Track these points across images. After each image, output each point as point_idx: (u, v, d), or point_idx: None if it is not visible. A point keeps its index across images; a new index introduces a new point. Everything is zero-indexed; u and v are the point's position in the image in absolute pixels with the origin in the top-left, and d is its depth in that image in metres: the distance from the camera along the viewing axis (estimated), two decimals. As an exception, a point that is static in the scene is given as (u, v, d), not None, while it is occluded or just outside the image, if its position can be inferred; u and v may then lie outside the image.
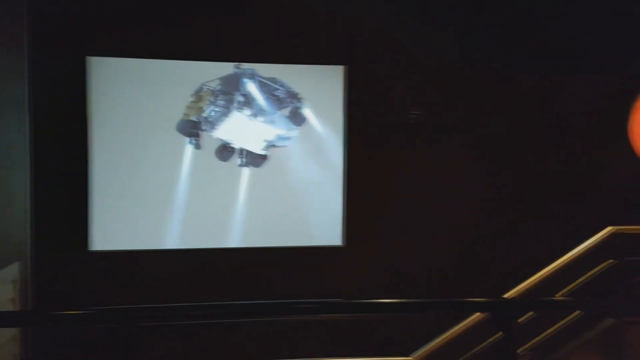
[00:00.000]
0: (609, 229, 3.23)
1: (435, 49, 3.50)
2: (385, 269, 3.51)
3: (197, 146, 3.32)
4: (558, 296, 2.81)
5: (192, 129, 3.32)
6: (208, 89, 3.33)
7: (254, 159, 3.39)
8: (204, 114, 3.32)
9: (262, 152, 3.39)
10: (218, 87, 3.34)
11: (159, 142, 3.25)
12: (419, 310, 1.69)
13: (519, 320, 2.77)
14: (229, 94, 3.36)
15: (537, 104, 3.62)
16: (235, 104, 3.36)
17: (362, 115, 3.46)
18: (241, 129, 3.37)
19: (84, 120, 3.15)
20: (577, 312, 3.00)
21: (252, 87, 3.35)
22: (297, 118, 3.43)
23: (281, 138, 3.40)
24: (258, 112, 3.39)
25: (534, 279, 2.76)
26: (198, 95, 3.31)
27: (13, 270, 2.62)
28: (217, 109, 3.34)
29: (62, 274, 3.25)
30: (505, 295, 2.73)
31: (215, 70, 3.32)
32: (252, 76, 3.37)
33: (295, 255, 3.41)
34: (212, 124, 3.34)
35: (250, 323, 3.27)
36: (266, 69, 3.37)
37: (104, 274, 3.27)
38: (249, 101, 3.38)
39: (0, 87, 2.59)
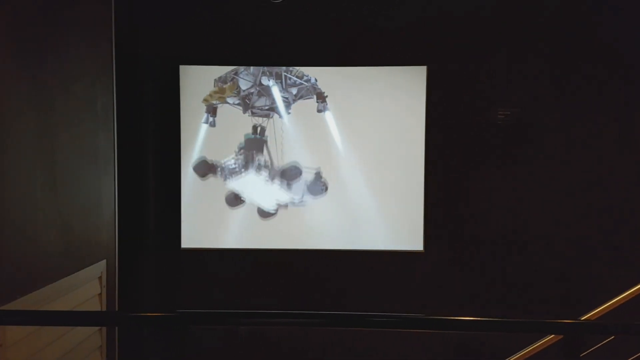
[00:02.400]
0: None
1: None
2: (463, 278, 3.39)
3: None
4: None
5: (208, 170, 3.33)
6: (235, 79, 3.27)
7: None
8: (224, 164, 3.30)
9: (272, 211, 3.35)
10: (242, 145, 3.29)
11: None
12: (494, 330, 1.65)
13: (599, 345, 2.63)
14: (251, 150, 3.31)
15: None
16: (255, 164, 3.31)
17: (443, 117, 3.29)
18: (256, 187, 3.34)
19: (172, 125, 3.31)
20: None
21: (279, 98, 3.28)
22: (316, 187, 3.32)
23: (294, 203, 3.35)
24: (275, 176, 3.32)
25: (623, 297, 2.55)
26: (221, 88, 3.28)
27: (100, 267, 2.80)
28: (235, 164, 3.31)
29: (146, 271, 3.44)
30: (584, 317, 2.58)
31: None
32: (279, 76, 3.27)
33: (374, 259, 3.39)
34: (228, 174, 3.33)
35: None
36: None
37: (189, 272, 3.45)
38: (268, 165, 3.31)
39: (90, 97, 2.78)
